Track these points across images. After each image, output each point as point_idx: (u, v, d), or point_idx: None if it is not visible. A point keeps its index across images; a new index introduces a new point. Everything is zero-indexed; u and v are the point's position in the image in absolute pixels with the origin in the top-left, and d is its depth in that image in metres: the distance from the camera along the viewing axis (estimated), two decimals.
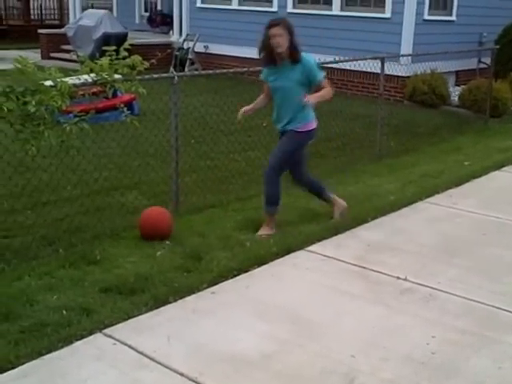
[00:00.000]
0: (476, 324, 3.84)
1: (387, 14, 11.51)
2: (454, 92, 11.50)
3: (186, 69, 13.24)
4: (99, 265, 4.40)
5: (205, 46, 13.99)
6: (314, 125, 5.10)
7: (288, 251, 4.78)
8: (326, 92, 4.96)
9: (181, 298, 4.01)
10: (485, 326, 3.82)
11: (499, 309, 4.03)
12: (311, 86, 4.96)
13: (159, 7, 17.60)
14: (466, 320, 3.88)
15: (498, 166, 7.48)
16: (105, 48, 4.84)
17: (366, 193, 6.24)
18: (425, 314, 3.94)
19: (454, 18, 12.32)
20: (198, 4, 14.33)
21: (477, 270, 4.62)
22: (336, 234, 5.17)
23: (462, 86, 11.37)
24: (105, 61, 4.72)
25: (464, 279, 4.45)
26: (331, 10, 12.22)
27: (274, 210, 5.17)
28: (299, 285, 4.30)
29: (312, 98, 4.83)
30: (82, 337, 3.48)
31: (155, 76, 5.29)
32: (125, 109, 4.95)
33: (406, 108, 10.74)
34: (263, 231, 5.13)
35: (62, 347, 3.38)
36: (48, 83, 4.37)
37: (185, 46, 13.79)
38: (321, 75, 4.97)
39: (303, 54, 4.95)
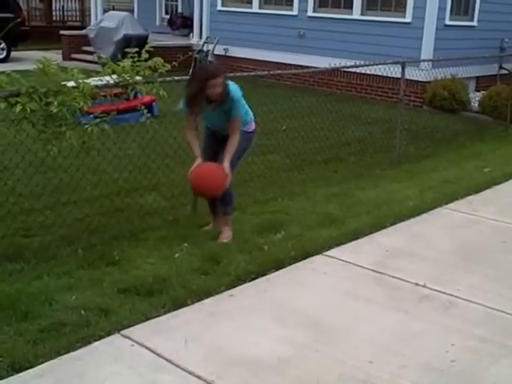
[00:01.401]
0: (496, 332, 3.80)
1: (408, 19, 11.47)
2: (475, 98, 11.42)
3: None
4: (118, 265, 4.42)
5: (224, 49, 14.02)
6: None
7: (306, 255, 4.76)
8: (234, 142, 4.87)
9: (198, 300, 4.01)
10: (505, 335, 3.78)
11: None
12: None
13: (180, 10, 17.67)
14: (485, 328, 3.85)
15: None
16: (127, 50, 4.88)
17: (384, 198, 6.21)
18: (444, 322, 3.90)
19: (475, 23, 12.25)
20: (219, 7, 14.38)
21: (497, 277, 4.58)
22: (354, 239, 5.15)
23: (483, 92, 11.30)
24: (127, 62, 4.74)
25: (484, 287, 4.41)
26: (351, 14, 12.20)
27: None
28: (317, 289, 4.28)
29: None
30: (100, 337, 3.49)
31: (176, 78, 5.29)
32: (145, 110, 4.97)
33: (425, 113, 10.68)
34: (228, 235, 5.03)
35: (80, 347, 3.39)
36: (70, 84, 4.40)
37: (204, 49, 13.83)
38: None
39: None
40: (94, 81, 4.65)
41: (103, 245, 4.73)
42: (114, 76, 4.73)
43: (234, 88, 4.80)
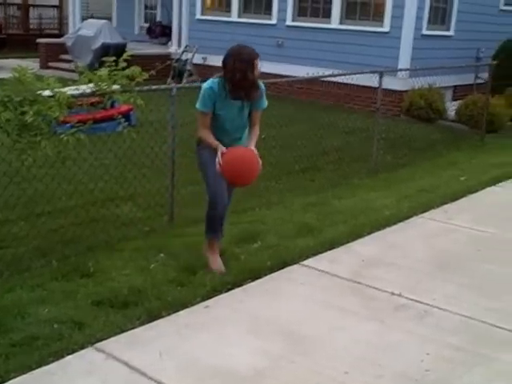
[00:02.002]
0: (470, 341, 3.83)
1: (386, 29, 11.57)
2: (451, 107, 11.53)
3: (184, 80, 13.24)
4: (92, 277, 4.37)
5: (203, 58, 14.01)
6: None
7: (283, 265, 4.76)
8: None
9: (174, 312, 3.98)
10: (479, 343, 3.80)
11: (494, 326, 4.01)
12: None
13: (158, 18, 17.65)
14: (460, 337, 3.87)
15: (494, 182, 7.48)
16: (104, 59, 4.85)
17: (361, 207, 6.23)
18: (419, 331, 3.92)
19: (452, 33, 12.40)
20: (198, 16, 14.39)
21: (472, 286, 4.61)
22: (331, 249, 5.16)
23: (459, 101, 11.40)
24: (104, 71, 4.72)
25: (459, 296, 4.43)
26: (330, 23, 12.29)
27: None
28: (293, 300, 4.28)
29: None
30: (74, 351, 3.45)
31: (154, 87, 5.28)
32: (122, 120, 4.95)
33: (402, 122, 10.76)
34: (212, 265, 4.63)
35: (52, 361, 3.35)
36: (46, 93, 4.37)
37: (183, 58, 13.81)
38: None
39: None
40: (70, 90, 4.63)
41: (78, 256, 4.68)
42: (91, 85, 4.71)
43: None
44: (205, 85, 4.41)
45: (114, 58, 4.76)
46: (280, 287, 4.45)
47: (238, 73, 4.23)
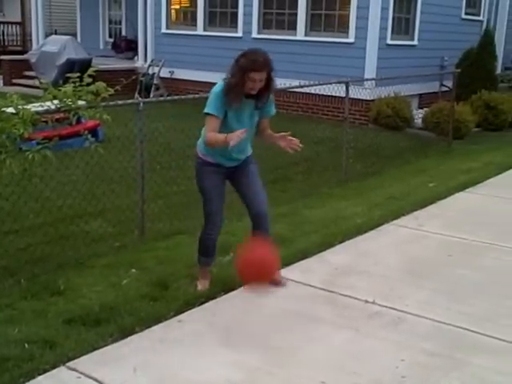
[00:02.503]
0: (445, 346, 3.85)
1: (351, 39, 11.68)
2: (418, 115, 11.68)
3: (152, 94, 13.21)
4: (63, 295, 4.30)
5: (170, 72, 13.99)
6: None
7: None
8: None
9: (147, 327, 3.93)
10: (453, 348, 3.82)
11: (467, 330, 4.04)
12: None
13: (124, 33, 17.57)
14: (434, 342, 3.88)
15: (462, 187, 7.57)
16: (68, 75, 4.80)
17: (332, 216, 6.25)
18: (394, 338, 3.93)
19: (415, 42, 12.56)
20: (163, 30, 14.36)
21: (444, 291, 4.64)
22: (303, 259, 5.15)
23: (425, 109, 11.56)
24: (68, 87, 4.67)
25: (432, 301, 4.46)
26: (296, 35, 12.35)
27: None
28: (267, 310, 4.26)
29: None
30: (45, 371, 3.38)
31: (120, 102, 5.24)
32: (89, 135, 4.90)
33: (370, 131, 10.85)
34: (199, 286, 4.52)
35: (23, 382, 3.28)
36: (10, 110, 4.31)
37: (150, 72, 13.77)
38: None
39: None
40: (34, 106, 4.56)
41: (48, 274, 4.60)
42: (56, 101, 4.66)
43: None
44: (214, 88, 4.17)
45: (78, 74, 4.72)
46: (253, 298, 4.41)
47: (233, 77, 4.04)
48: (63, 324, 3.89)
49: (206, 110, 4.13)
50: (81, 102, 4.72)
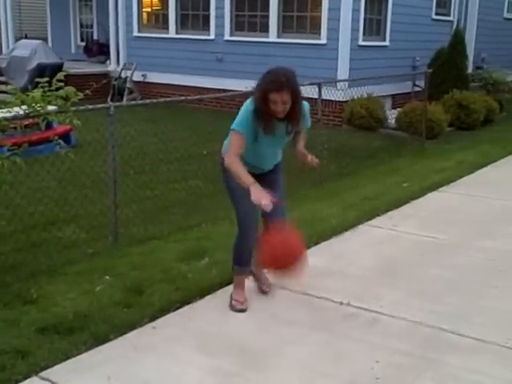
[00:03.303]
0: (419, 346, 3.87)
1: (323, 41, 11.72)
2: (391, 115, 11.75)
3: (125, 98, 13.13)
4: (36, 304, 4.23)
5: (143, 75, 13.92)
6: None
7: (230, 281, 4.70)
8: None
9: (121, 334, 3.89)
10: (428, 348, 3.85)
11: (441, 329, 4.07)
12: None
13: (95, 37, 17.44)
14: (409, 342, 3.90)
15: (436, 187, 7.64)
16: (37, 79, 4.75)
17: (307, 218, 6.25)
18: (368, 339, 3.94)
19: (387, 43, 12.65)
20: (135, 33, 14.28)
21: (417, 291, 4.67)
22: None
23: (399, 109, 11.63)
24: (37, 92, 4.61)
25: (406, 301, 4.48)
26: (268, 37, 12.37)
27: None
28: (242, 315, 4.24)
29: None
30: (17, 381, 3.32)
31: (90, 107, 5.19)
32: (60, 141, 4.84)
33: (344, 132, 10.91)
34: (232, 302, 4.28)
35: None
36: None
37: (123, 75, 13.69)
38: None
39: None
40: (2, 112, 4.50)
41: (20, 282, 4.53)
42: (24, 106, 4.60)
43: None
44: (248, 104, 3.86)
45: (47, 79, 4.66)
46: (228, 303, 4.40)
47: (256, 101, 3.79)
48: (36, 333, 3.83)
49: (233, 126, 3.84)
50: (51, 107, 4.66)
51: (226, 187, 4.18)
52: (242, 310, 4.23)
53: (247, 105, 3.86)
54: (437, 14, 14.10)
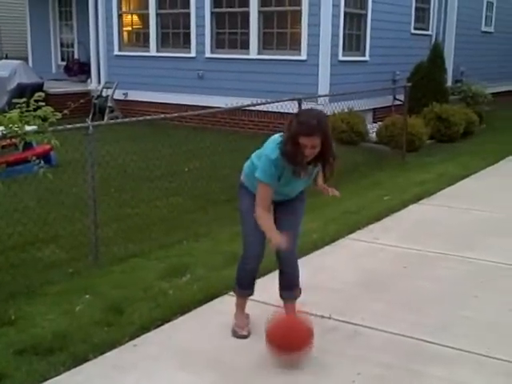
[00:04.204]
0: (401, 358, 3.86)
1: (303, 57, 11.80)
2: (372, 129, 11.81)
3: (106, 117, 13.11)
4: (14, 325, 4.19)
5: (124, 94, 13.92)
6: None
7: (212, 297, 4.70)
8: None
9: (101, 353, 3.85)
10: (410, 359, 3.85)
11: (422, 340, 4.07)
12: None
13: (76, 56, 17.43)
14: (390, 354, 3.90)
15: (416, 199, 7.68)
16: (15, 100, 4.74)
17: None
18: (350, 352, 3.93)
19: (367, 58, 12.76)
20: (116, 52, 14.29)
21: (399, 303, 4.67)
22: (260, 277, 5.10)
23: (379, 123, 11.71)
24: (14, 113, 4.59)
25: (387, 313, 4.48)
26: (249, 53, 12.43)
27: None
28: (224, 332, 4.20)
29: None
30: None
31: (69, 126, 5.16)
32: (38, 161, 4.82)
33: None
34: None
35: None
36: None
37: (104, 94, 13.68)
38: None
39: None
40: None
41: None
42: (1, 127, 4.58)
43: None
44: (269, 153, 3.71)
45: (25, 100, 4.65)
46: (210, 319, 4.39)
47: (286, 145, 3.65)
48: (14, 355, 3.78)
49: (260, 177, 3.73)
50: (29, 128, 4.64)
51: (239, 205, 4.14)
52: (243, 337, 4.12)
53: (268, 156, 3.71)
54: (415, 28, 14.27)
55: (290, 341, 3.74)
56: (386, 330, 4.21)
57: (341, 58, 11.92)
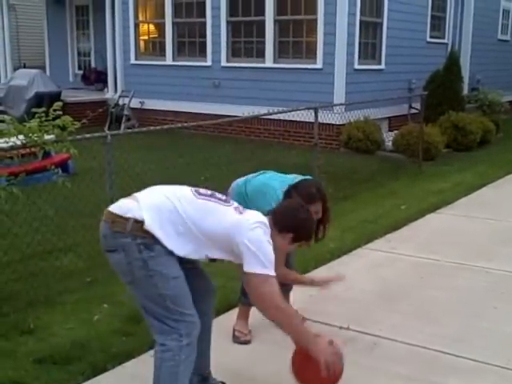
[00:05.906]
0: (420, 369, 3.84)
1: (319, 65, 11.80)
2: (388, 137, 11.77)
3: (123, 125, 13.18)
4: (33, 334, 4.21)
5: (140, 102, 13.99)
6: None
7: (228, 308, 4.69)
8: None
9: (119, 363, 3.87)
10: (428, 371, 3.82)
11: (440, 352, 4.04)
12: None
13: (93, 65, 17.57)
14: (409, 366, 3.87)
15: (434, 209, 7.64)
16: (34, 109, 4.78)
17: None
18: (369, 363, 3.91)
19: (383, 66, 12.73)
20: (132, 61, 14.38)
21: (417, 314, 4.65)
22: None
23: (395, 132, 11.67)
24: (33, 123, 4.64)
25: (405, 324, 4.46)
26: (264, 62, 12.46)
27: None
28: (242, 346, 4.20)
29: None
30: None
31: (87, 136, 5.19)
32: (58, 169, 4.87)
33: (342, 155, 10.92)
34: None
35: None
36: None
37: (120, 103, 13.76)
38: None
39: None
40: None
41: (17, 313, 4.51)
42: (21, 136, 4.62)
43: None
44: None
45: (44, 109, 4.69)
46: (226, 329, 4.38)
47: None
48: (33, 364, 3.80)
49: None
50: (48, 137, 4.69)
51: None
52: (247, 342, 4.19)
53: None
54: (431, 36, 14.23)
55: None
56: (404, 341, 4.19)
57: (356, 66, 11.90)
